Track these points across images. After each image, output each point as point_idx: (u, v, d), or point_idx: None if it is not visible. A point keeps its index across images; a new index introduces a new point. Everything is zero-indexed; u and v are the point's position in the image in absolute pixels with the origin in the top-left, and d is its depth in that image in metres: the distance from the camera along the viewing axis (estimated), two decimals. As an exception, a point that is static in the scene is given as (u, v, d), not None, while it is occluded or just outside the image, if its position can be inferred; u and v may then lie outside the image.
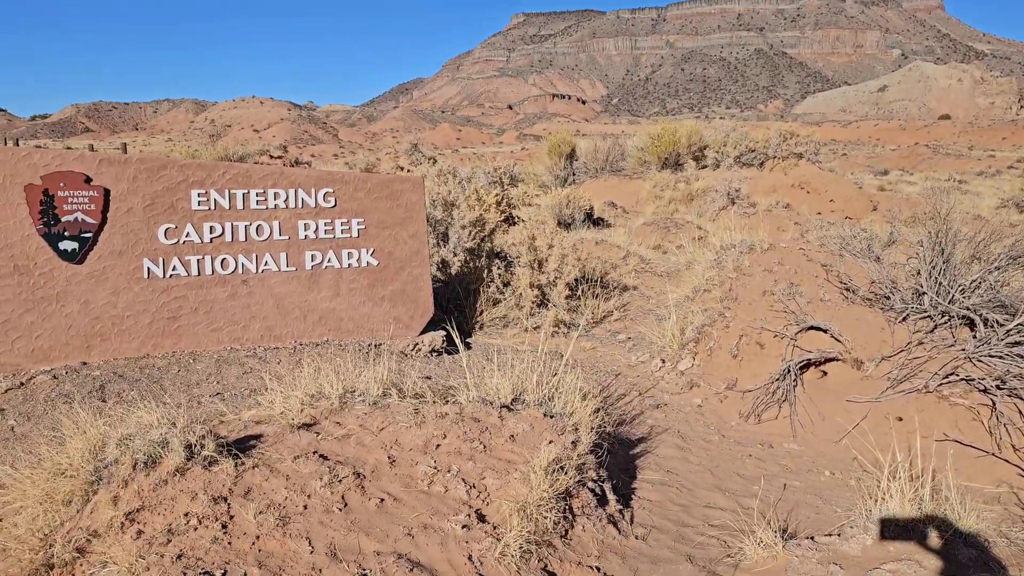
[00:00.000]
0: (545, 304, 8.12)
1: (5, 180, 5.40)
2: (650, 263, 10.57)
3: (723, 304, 7.11)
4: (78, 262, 5.64)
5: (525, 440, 3.91)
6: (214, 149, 23.83)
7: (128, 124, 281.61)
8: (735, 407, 5.83)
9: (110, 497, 3.28)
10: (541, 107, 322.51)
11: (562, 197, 14.38)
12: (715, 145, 21.28)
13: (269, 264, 6.24)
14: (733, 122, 24.79)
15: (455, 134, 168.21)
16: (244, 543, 3.05)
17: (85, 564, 3.02)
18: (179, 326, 5.97)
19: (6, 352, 5.46)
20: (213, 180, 6.04)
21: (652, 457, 4.84)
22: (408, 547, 3.12)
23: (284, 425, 3.99)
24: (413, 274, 6.82)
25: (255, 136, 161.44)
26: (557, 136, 23.00)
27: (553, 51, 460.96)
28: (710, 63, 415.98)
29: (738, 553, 3.43)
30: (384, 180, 6.77)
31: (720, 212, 15.57)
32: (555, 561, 3.28)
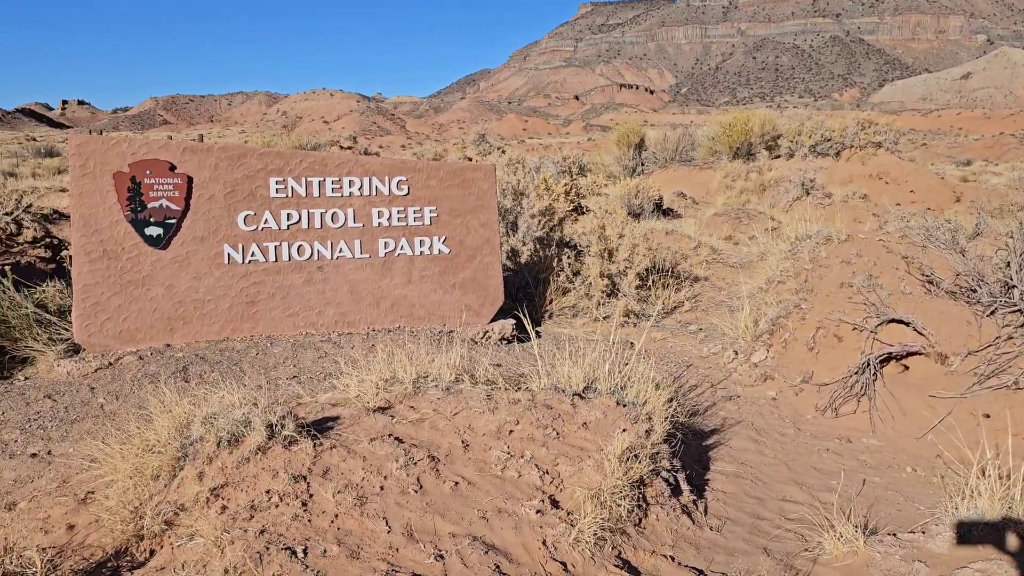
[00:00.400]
0: (615, 294, 8.07)
1: (96, 167, 5.61)
2: (721, 254, 10.40)
3: (799, 296, 6.94)
4: (163, 247, 5.84)
5: (598, 428, 3.90)
6: (288, 139, 24.35)
7: (204, 116, 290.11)
8: (811, 400, 5.69)
9: (196, 473, 3.39)
10: (608, 97, 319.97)
11: (631, 187, 14.25)
12: (789, 134, 20.78)
13: (343, 251, 6.35)
14: (808, 110, 24.17)
15: (521, 124, 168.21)
16: (323, 521, 3.12)
17: (173, 536, 3.13)
18: (257, 311, 6.12)
19: (96, 333, 5.68)
20: (291, 168, 6.17)
21: (725, 449, 4.77)
22: (483, 530, 3.14)
23: (360, 408, 4.06)
24: (484, 262, 6.86)
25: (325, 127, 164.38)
26: (626, 125, 22.79)
27: (621, 40, 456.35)
28: (783, 51, 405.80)
29: (817, 547, 3.36)
30: (456, 168, 6.81)
31: (794, 202, 15.21)
32: (629, 549, 3.26)
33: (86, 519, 3.55)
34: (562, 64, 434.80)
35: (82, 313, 5.65)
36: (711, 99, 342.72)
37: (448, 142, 63.30)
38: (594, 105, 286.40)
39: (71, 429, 4.72)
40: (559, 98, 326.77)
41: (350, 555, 2.93)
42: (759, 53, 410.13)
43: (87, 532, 3.44)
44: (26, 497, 3.92)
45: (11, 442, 4.58)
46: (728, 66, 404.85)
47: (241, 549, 2.91)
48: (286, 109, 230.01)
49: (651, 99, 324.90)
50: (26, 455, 4.41)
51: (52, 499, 3.82)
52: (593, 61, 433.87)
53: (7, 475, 4.19)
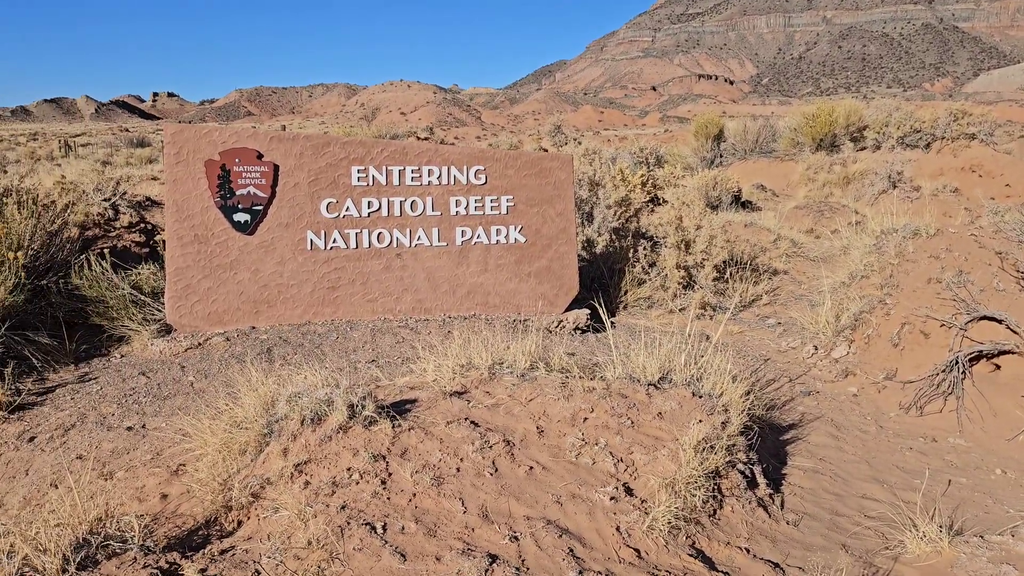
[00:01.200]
0: (691, 286, 7.98)
1: (188, 155, 5.85)
2: (802, 247, 10.16)
3: (883, 291, 6.75)
4: (249, 233, 6.04)
5: (673, 418, 3.88)
6: (367, 130, 24.80)
7: (285, 108, 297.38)
8: (895, 398, 5.53)
9: (280, 449, 3.52)
10: (686, 88, 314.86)
11: (709, 179, 14.03)
12: (876, 125, 20.09)
13: (422, 239, 6.46)
14: (896, 101, 23.31)
15: (597, 116, 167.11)
16: (401, 499, 3.20)
17: (259, 508, 3.26)
18: (337, 296, 6.28)
19: (187, 314, 5.93)
20: (372, 157, 6.30)
21: (803, 444, 4.68)
22: (557, 514, 3.18)
23: (436, 392, 4.14)
24: (559, 252, 6.87)
25: (402, 119, 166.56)
26: (704, 117, 22.41)
27: (700, 30, 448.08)
28: (870, 39, 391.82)
29: (898, 546, 3.28)
30: (534, 158, 6.84)
31: (880, 196, 14.71)
32: (703, 539, 3.25)
33: (178, 489, 3.73)
34: (639, 55, 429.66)
35: (174, 295, 5.91)
36: (793, 90, 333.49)
37: (523, 133, 63.33)
38: (671, 96, 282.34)
39: (164, 405, 4.95)
40: (636, 89, 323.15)
41: (427, 533, 3.00)
42: (845, 42, 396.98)
43: (179, 502, 3.62)
44: (123, 467, 4.13)
45: (109, 415, 4.83)
46: (812, 55, 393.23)
47: (323, 523, 3.01)
48: (364, 101, 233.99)
49: (731, 90, 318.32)
50: (122, 428, 4.65)
51: (147, 470, 4.02)
52: (671, 51, 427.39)
53: (106, 446, 4.43)
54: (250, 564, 2.88)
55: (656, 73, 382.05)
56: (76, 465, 4.18)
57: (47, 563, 2.63)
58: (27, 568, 2.64)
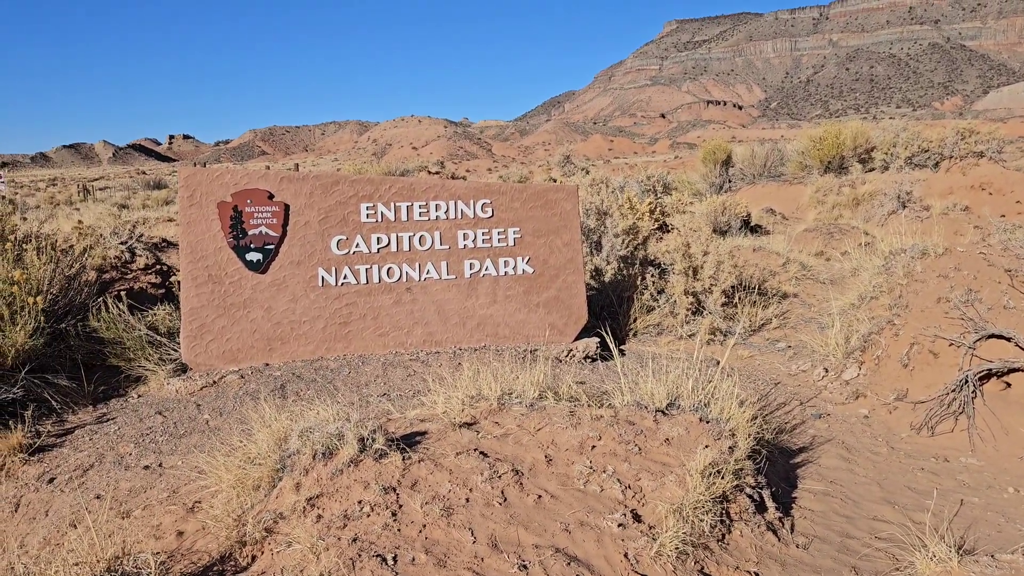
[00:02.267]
0: (700, 312, 8.02)
1: (202, 198, 5.99)
2: (811, 270, 10.18)
3: (892, 312, 6.76)
4: (262, 272, 6.16)
5: (680, 444, 3.92)
6: (378, 166, 25.09)
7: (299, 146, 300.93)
8: (905, 419, 5.53)
9: (293, 484, 3.58)
10: (695, 114, 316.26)
11: (717, 204, 14.10)
12: (883, 146, 20.14)
13: (431, 272, 6.55)
14: (904, 121, 23.37)
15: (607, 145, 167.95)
16: (412, 531, 3.25)
17: (272, 543, 3.32)
18: (349, 331, 6.37)
19: (201, 353, 6.03)
20: (380, 194, 6.42)
21: (814, 467, 4.69)
22: (565, 542, 3.21)
23: (446, 423, 4.19)
24: (567, 281, 6.94)
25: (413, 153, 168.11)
26: (712, 142, 22.55)
27: (707, 57, 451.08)
28: (878, 60, 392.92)
29: (908, 567, 3.28)
30: (539, 190, 6.94)
31: (889, 217, 14.72)
32: (711, 564, 3.27)
33: (194, 526, 3.79)
34: (647, 83, 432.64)
35: (189, 335, 6.01)
36: (802, 113, 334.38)
37: (533, 164, 63.76)
38: (680, 123, 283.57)
39: (180, 443, 5.03)
40: (644, 117, 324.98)
41: (437, 563, 3.04)
42: (852, 64, 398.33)
43: (195, 538, 3.68)
44: (140, 506, 4.20)
45: (127, 455, 4.91)
46: (820, 78, 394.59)
47: (335, 555, 3.06)
48: (376, 137, 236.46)
49: (739, 115, 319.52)
50: (140, 467, 4.73)
51: (163, 508, 4.09)
52: (679, 79, 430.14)
53: (123, 485, 4.50)
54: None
55: (665, 100, 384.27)
56: (94, 505, 4.25)
57: (66, 601, 2.69)
58: (47, 606, 2.71)
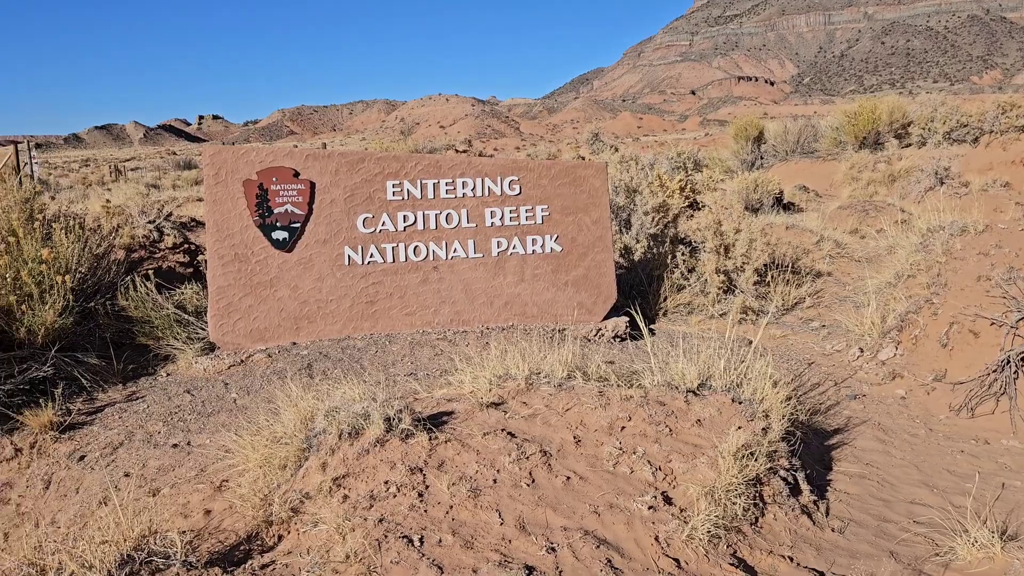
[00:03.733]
0: (732, 290, 7.88)
1: (227, 176, 5.96)
2: (846, 248, 9.97)
3: (930, 290, 6.58)
4: (288, 250, 6.13)
5: (712, 425, 3.83)
6: (405, 144, 25.02)
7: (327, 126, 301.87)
8: (944, 400, 5.38)
9: (319, 463, 3.55)
10: (726, 91, 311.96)
11: (749, 181, 13.85)
12: (921, 121, 19.67)
13: (458, 251, 6.49)
14: (942, 95, 22.79)
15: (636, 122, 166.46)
16: (439, 511, 3.21)
17: (299, 522, 3.30)
18: (376, 310, 6.34)
19: (229, 332, 6.03)
20: (406, 171, 6.35)
21: (849, 449, 4.58)
22: (594, 524, 3.15)
23: (473, 403, 4.14)
24: (596, 260, 6.84)
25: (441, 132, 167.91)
26: (743, 119, 22.18)
27: (739, 32, 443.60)
28: (914, 34, 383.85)
29: (948, 552, 3.18)
30: (567, 167, 6.83)
31: (926, 193, 14.37)
32: (744, 548, 3.19)
33: (221, 505, 3.78)
34: (677, 59, 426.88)
35: (216, 313, 6.01)
36: (836, 88, 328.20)
37: (562, 142, 63.34)
38: (711, 100, 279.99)
39: (208, 422, 5.03)
40: (674, 94, 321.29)
41: (464, 545, 3.00)
42: (888, 37, 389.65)
43: (222, 517, 3.66)
44: (168, 484, 4.21)
45: (155, 433, 4.93)
46: (854, 53, 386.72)
47: (361, 536, 3.03)
48: (403, 116, 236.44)
49: (771, 91, 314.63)
50: (168, 445, 4.74)
51: (191, 486, 4.09)
52: (710, 54, 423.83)
53: (152, 463, 4.52)
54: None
55: (695, 77, 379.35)
56: (123, 482, 4.27)
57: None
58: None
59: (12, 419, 4.93)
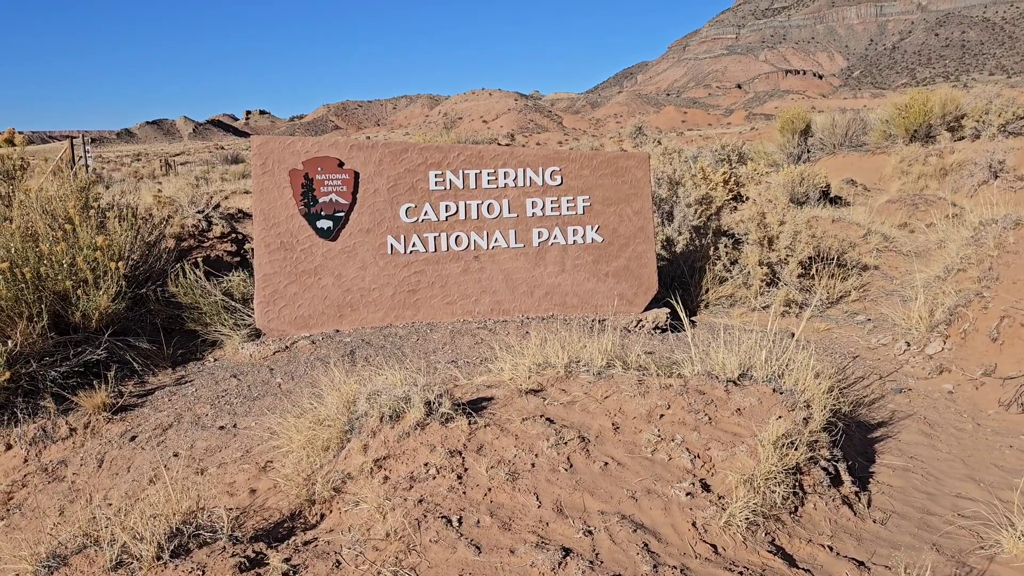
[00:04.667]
0: (775, 283, 7.80)
1: (274, 166, 6.07)
2: (894, 242, 9.78)
3: (981, 284, 6.44)
4: (332, 239, 6.23)
5: (752, 414, 3.81)
6: (447, 138, 25.13)
7: (371, 120, 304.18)
8: (993, 395, 5.27)
9: (361, 445, 3.62)
10: (772, 84, 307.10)
11: (795, 174, 13.65)
12: (975, 114, 19.16)
13: (499, 240, 6.52)
14: (998, 87, 22.17)
15: (680, 116, 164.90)
16: (477, 494, 3.25)
17: (340, 502, 3.37)
18: (417, 299, 6.41)
19: (275, 319, 6.15)
20: (448, 161, 6.40)
21: (893, 442, 4.52)
22: (631, 509, 3.16)
23: (513, 390, 4.18)
24: (637, 251, 6.83)
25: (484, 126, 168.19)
26: (790, 111, 21.84)
27: (787, 24, 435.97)
28: (970, 25, 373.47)
29: (994, 546, 3.13)
30: (609, 157, 6.82)
31: (980, 187, 14.02)
32: (783, 536, 3.18)
33: (266, 484, 3.88)
34: (723, 52, 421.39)
35: (262, 301, 6.14)
36: (887, 81, 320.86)
37: (604, 136, 63.03)
38: (757, 93, 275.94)
39: (253, 405, 5.15)
40: (720, 88, 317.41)
41: (502, 526, 3.03)
42: (942, 29, 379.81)
43: (267, 496, 3.76)
44: (215, 464, 4.32)
45: (203, 416, 5.06)
46: (906, 45, 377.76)
47: (401, 515, 3.08)
48: (446, 110, 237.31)
49: (819, 84, 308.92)
50: (215, 427, 4.86)
51: (237, 466, 4.20)
52: (756, 47, 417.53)
53: (199, 444, 4.64)
54: (331, 555, 2.97)
55: (741, 70, 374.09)
56: (172, 462, 4.39)
57: (143, 550, 2.78)
58: (125, 555, 2.80)
59: (67, 400, 5.10)
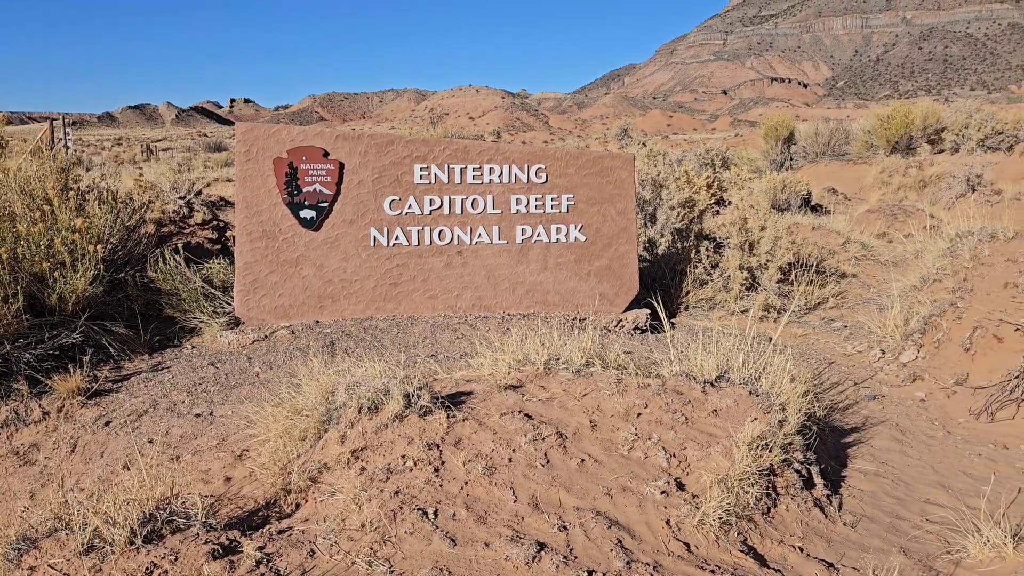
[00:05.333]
0: (754, 288, 7.86)
1: (258, 153, 6.04)
2: (872, 251, 9.89)
3: (956, 295, 6.53)
4: (315, 229, 6.20)
5: (728, 415, 3.84)
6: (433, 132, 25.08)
7: (356, 113, 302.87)
8: (964, 403, 5.35)
9: (338, 436, 3.62)
10: (758, 92, 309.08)
11: (777, 181, 13.78)
12: (955, 127, 19.42)
13: (482, 236, 6.53)
14: (978, 102, 22.47)
15: (666, 120, 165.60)
16: (453, 487, 3.26)
17: (316, 492, 3.36)
18: (399, 292, 6.40)
19: (254, 307, 6.12)
20: (434, 155, 6.40)
21: (865, 447, 4.58)
22: (607, 506, 3.18)
23: (492, 385, 4.19)
24: (620, 251, 6.86)
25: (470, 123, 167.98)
26: (775, 119, 22.02)
27: (774, 32, 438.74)
28: (953, 40, 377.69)
29: (960, 551, 3.18)
30: (595, 157, 6.84)
31: (957, 200, 14.21)
32: (755, 536, 3.21)
33: (241, 473, 3.86)
34: (710, 58, 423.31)
35: (242, 289, 6.10)
36: (870, 93, 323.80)
37: (590, 137, 63.17)
38: (743, 100, 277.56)
39: (231, 393, 5.13)
40: (706, 93, 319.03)
41: (478, 520, 3.04)
42: (926, 43, 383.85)
43: (241, 484, 3.74)
44: (190, 451, 4.30)
45: (179, 403, 5.03)
46: (890, 57, 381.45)
47: (377, 507, 3.08)
48: (433, 106, 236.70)
49: (804, 93, 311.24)
50: (191, 415, 4.84)
51: (212, 454, 4.18)
52: (743, 54, 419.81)
53: (175, 431, 4.61)
54: (306, 544, 2.97)
55: (727, 76, 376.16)
56: (147, 448, 4.37)
57: (116, 534, 2.76)
58: (97, 539, 2.78)
59: (41, 383, 5.05)
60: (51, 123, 15.54)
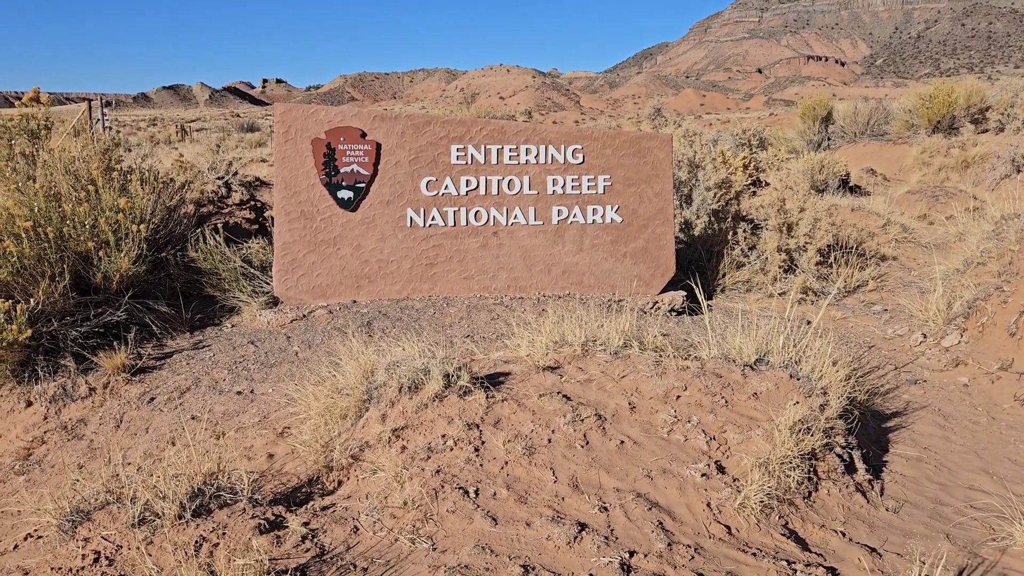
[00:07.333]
0: (792, 270, 7.77)
1: (296, 134, 6.07)
2: (913, 233, 9.72)
3: (1001, 278, 6.40)
4: (352, 210, 6.24)
5: (769, 399, 3.82)
6: (467, 112, 25.04)
7: (387, 93, 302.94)
8: (1009, 389, 5.26)
9: (379, 415, 3.65)
10: (794, 70, 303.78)
11: (815, 162, 13.56)
12: (1000, 106, 18.94)
13: (518, 217, 6.52)
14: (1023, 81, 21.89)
15: (699, 100, 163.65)
16: (494, 467, 3.28)
17: (358, 469, 3.40)
18: (435, 272, 6.42)
19: (292, 287, 6.18)
20: (471, 136, 6.39)
21: (907, 432, 4.52)
22: (647, 488, 3.19)
23: (530, 366, 4.19)
24: (656, 232, 6.81)
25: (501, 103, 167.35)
26: (811, 98, 21.64)
27: (811, 9, 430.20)
28: (998, 16, 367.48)
29: (1006, 538, 3.14)
30: (632, 137, 6.79)
31: (1002, 181, 13.88)
32: (796, 520, 3.20)
33: (283, 450, 3.92)
34: (745, 36, 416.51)
35: (281, 269, 6.17)
36: (910, 71, 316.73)
37: (622, 117, 62.64)
38: (778, 79, 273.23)
39: (270, 372, 5.20)
40: (740, 71, 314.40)
41: (518, 499, 3.06)
42: (969, 19, 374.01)
43: (284, 461, 3.80)
44: (233, 428, 4.37)
45: (220, 380, 5.11)
46: (931, 34, 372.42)
47: (419, 485, 3.12)
48: (463, 85, 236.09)
49: (841, 71, 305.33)
50: (233, 392, 4.92)
51: (255, 431, 4.24)
52: (779, 32, 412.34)
53: (217, 408, 4.69)
54: (349, 520, 3.01)
55: (762, 55, 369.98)
56: (191, 425, 4.45)
57: (166, 508, 2.82)
58: (147, 512, 2.85)
59: (87, 360, 5.16)
60: (89, 104, 15.76)
